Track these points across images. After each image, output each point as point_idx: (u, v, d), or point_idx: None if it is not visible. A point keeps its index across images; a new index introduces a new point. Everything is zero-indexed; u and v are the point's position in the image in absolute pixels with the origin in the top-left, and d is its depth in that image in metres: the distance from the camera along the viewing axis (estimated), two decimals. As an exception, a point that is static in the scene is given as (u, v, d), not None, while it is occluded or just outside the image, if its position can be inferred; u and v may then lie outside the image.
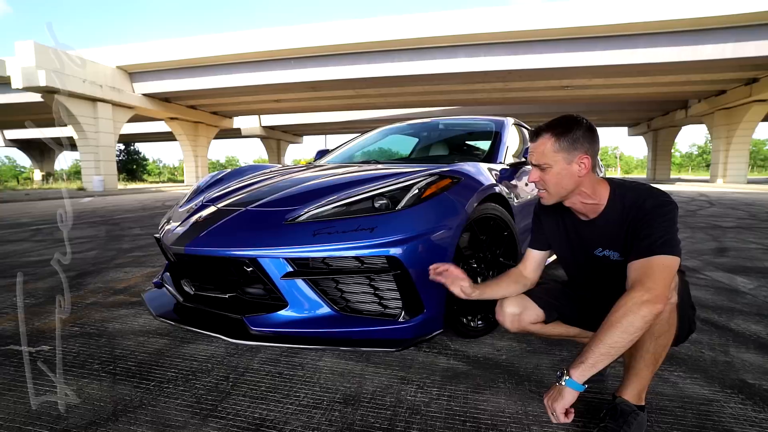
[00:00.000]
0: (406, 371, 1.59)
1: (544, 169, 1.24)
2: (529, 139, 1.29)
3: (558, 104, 27.30)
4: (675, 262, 1.10)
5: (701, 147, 67.11)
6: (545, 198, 1.29)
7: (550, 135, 1.22)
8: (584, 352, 1.08)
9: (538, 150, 1.24)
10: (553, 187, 1.25)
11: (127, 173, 42.99)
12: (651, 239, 1.11)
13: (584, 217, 1.31)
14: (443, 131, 3.21)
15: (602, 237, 1.27)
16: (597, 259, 1.30)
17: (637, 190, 1.22)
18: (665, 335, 1.12)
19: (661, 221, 1.13)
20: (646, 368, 1.14)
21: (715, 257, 3.69)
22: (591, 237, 1.30)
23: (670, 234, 1.12)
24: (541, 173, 1.25)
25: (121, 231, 5.72)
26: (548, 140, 1.22)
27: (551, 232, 1.44)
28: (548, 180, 1.24)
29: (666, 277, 1.07)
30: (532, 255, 1.48)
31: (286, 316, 1.55)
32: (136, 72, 21.34)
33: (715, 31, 15.26)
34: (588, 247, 1.32)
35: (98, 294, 2.62)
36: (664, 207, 1.15)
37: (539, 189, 1.30)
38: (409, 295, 1.53)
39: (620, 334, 1.04)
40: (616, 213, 1.22)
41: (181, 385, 1.49)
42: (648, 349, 1.12)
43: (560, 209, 1.38)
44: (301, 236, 1.52)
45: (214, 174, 2.66)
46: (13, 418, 1.29)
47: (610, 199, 1.24)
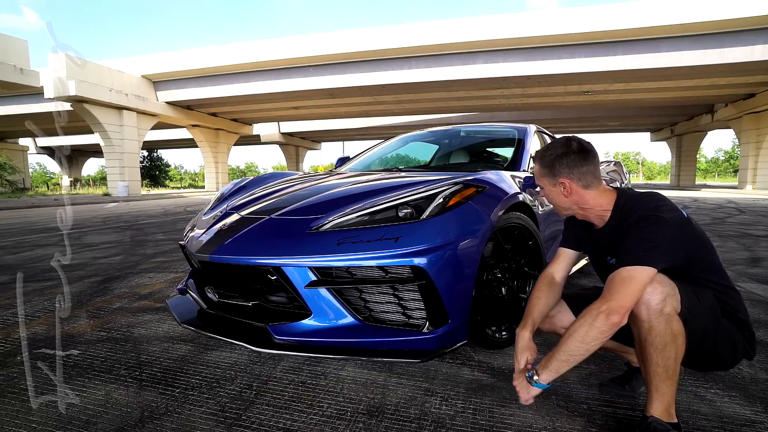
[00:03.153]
0: (430, 382, 1.56)
1: (539, 189, 1.39)
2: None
3: (577, 109, 26.92)
4: (640, 272, 1.07)
5: (728, 152, 65.01)
6: (559, 212, 1.41)
7: (537, 160, 1.35)
8: (548, 357, 1.16)
9: (534, 173, 1.39)
10: (553, 204, 1.37)
11: (150, 179, 44.12)
12: (627, 250, 1.12)
13: (596, 225, 1.35)
14: (465, 138, 3.19)
15: (609, 246, 1.29)
16: (609, 267, 1.28)
17: (639, 202, 1.21)
18: (670, 346, 1.08)
19: (638, 234, 1.12)
20: (662, 382, 1.11)
21: (748, 267, 3.54)
22: (602, 245, 1.34)
23: (642, 245, 1.10)
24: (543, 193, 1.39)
25: (144, 236, 5.85)
26: (536, 165, 1.35)
27: (582, 237, 1.45)
28: (549, 199, 1.37)
29: (627, 288, 1.06)
30: (564, 253, 1.46)
31: (309, 326, 1.55)
32: (159, 81, 21.98)
33: (742, 33, 14.82)
34: (602, 255, 1.36)
35: (124, 299, 2.68)
36: (646, 220, 1.13)
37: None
38: (434, 306, 1.50)
39: (577, 344, 1.09)
40: (615, 222, 1.26)
41: (205, 392, 1.50)
42: (657, 363, 1.10)
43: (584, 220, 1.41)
44: (325, 245, 1.52)
45: (238, 181, 2.70)
46: (46, 421, 1.32)
47: (613, 209, 1.27)
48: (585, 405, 1.41)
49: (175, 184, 56.69)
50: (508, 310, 1.87)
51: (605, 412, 1.37)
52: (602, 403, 1.42)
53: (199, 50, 20.30)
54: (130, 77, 20.81)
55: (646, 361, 1.12)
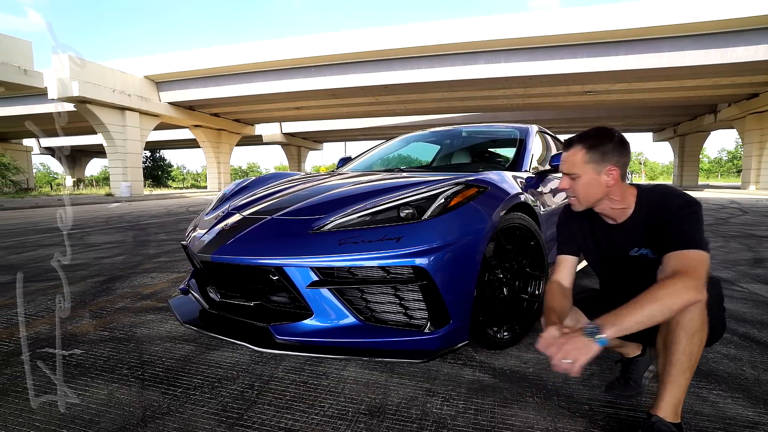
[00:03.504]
0: (431, 383, 1.56)
1: (574, 178, 1.29)
2: (562, 149, 1.34)
3: (580, 109, 26.86)
4: (707, 258, 1.13)
5: (731, 152, 64.72)
6: (575, 205, 1.34)
7: (582, 146, 1.27)
8: (620, 316, 1.03)
9: (569, 160, 1.29)
10: (582, 195, 1.30)
11: (153, 179, 44.23)
12: (684, 234, 1.16)
13: (612, 221, 1.35)
14: (466, 138, 3.18)
15: (635, 237, 1.31)
16: (633, 259, 1.33)
17: (662, 192, 1.28)
18: (698, 334, 1.10)
19: (690, 218, 1.18)
20: (681, 374, 1.11)
21: (751, 268, 3.53)
22: (623, 239, 1.34)
23: (699, 231, 1.17)
24: (571, 182, 1.30)
25: (147, 236, 5.87)
26: (579, 151, 1.27)
27: (581, 238, 1.45)
28: (577, 189, 1.30)
29: (703, 270, 1.10)
30: (566, 260, 1.45)
31: (311, 326, 1.55)
32: (162, 81, 22.05)
33: (745, 33, 14.76)
34: (621, 250, 1.35)
35: (126, 299, 2.69)
36: (692, 206, 1.20)
37: (569, 196, 1.34)
38: (435, 306, 1.51)
39: (660, 310, 1.03)
40: (642, 214, 1.28)
41: (207, 392, 1.50)
42: (684, 349, 1.10)
43: (588, 215, 1.41)
44: (326, 245, 1.53)
45: (240, 182, 2.70)
46: (49, 420, 1.33)
47: (637, 202, 1.30)
48: (587, 406, 1.41)
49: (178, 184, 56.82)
50: (510, 310, 1.86)
51: (607, 412, 1.36)
52: (604, 403, 1.42)
53: (201, 51, 20.35)
54: (133, 78, 20.89)
55: (672, 347, 1.11)
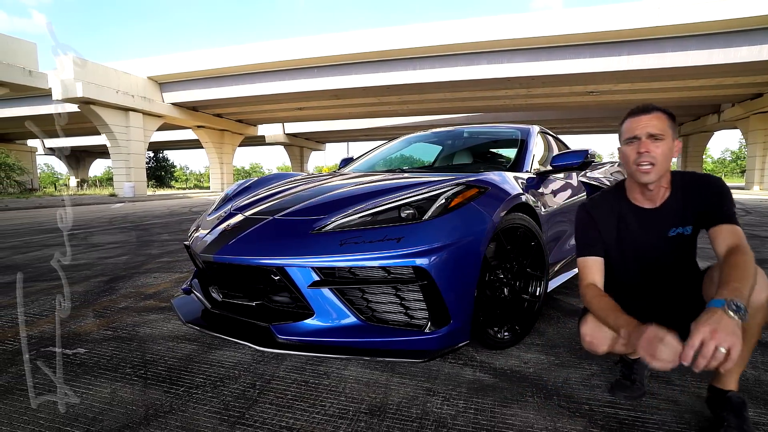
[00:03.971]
0: (431, 382, 1.57)
1: (660, 139, 1.24)
2: (633, 114, 1.29)
3: (583, 110, 26.80)
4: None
5: (735, 152, 64.42)
6: (650, 173, 1.25)
7: (662, 112, 1.27)
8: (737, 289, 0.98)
9: (652, 122, 1.25)
10: (662, 160, 1.24)
11: (156, 180, 44.38)
12: (726, 210, 1.23)
13: (650, 204, 1.35)
14: (468, 139, 3.19)
15: (673, 217, 1.33)
16: (670, 239, 1.35)
17: (692, 174, 1.35)
18: (760, 333, 1.16)
19: (728, 195, 1.26)
20: (747, 356, 1.20)
21: (753, 269, 3.52)
22: (661, 222, 1.35)
23: (734, 208, 1.26)
24: (653, 145, 1.24)
25: (150, 237, 5.90)
26: (662, 115, 1.27)
27: (608, 231, 1.40)
28: (660, 152, 1.24)
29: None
30: (595, 263, 1.38)
31: (312, 325, 1.56)
32: (165, 82, 22.13)
33: (749, 33, 14.69)
34: (661, 231, 1.35)
35: (129, 299, 2.71)
36: (725, 185, 1.29)
37: (644, 164, 1.24)
38: (436, 306, 1.51)
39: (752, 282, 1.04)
40: (679, 194, 1.32)
41: (209, 391, 1.51)
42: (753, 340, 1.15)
43: (618, 202, 1.41)
44: (327, 246, 1.54)
45: (242, 182, 2.72)
46: (53, 418, 1.34)
47: (672, 183, 1.34)
48: (587, 406, 1.41)
49: (181, 184, 56.99)
50: (511, 310, 1.87)
51: (607, 412, 1.37)
52: (604, 403, 1.42)
53: (204, 52, 20.42)
54: (137, 79, 20.98)
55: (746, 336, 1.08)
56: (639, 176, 1.28)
